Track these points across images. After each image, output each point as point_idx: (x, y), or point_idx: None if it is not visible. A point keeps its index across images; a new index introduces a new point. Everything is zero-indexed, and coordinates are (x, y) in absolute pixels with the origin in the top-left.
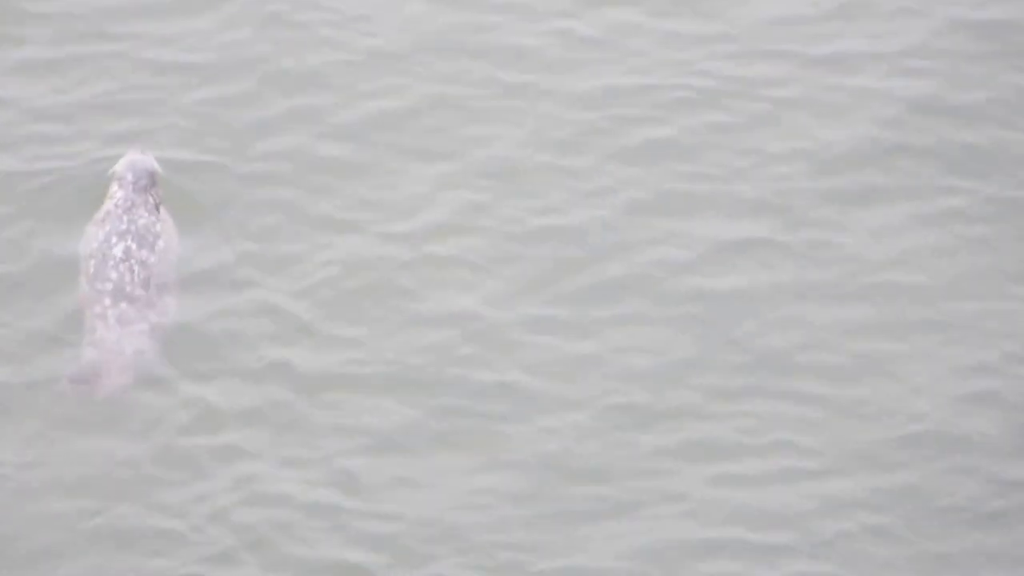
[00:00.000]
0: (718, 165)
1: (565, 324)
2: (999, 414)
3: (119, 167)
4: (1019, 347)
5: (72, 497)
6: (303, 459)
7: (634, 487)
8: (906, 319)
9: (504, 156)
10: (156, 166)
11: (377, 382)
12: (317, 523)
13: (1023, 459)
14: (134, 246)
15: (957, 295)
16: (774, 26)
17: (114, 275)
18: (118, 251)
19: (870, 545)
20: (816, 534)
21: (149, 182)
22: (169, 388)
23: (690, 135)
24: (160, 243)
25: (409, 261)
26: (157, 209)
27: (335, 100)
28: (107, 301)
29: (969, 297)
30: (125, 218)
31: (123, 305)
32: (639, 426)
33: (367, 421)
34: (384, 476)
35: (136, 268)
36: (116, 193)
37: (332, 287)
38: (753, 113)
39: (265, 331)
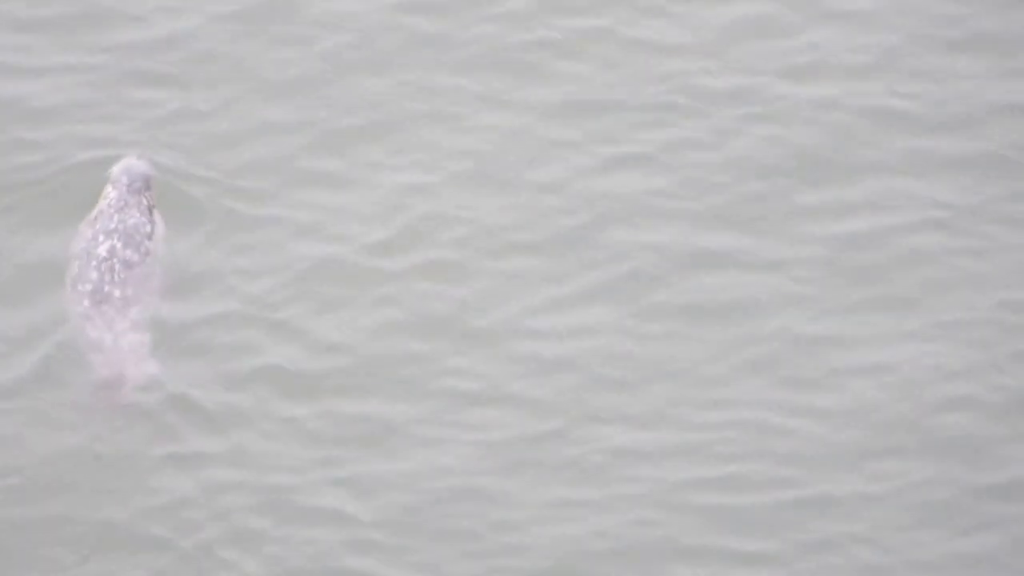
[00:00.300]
0: (693, 177)
1: (541, 331)
2: (978, 422)
3: (115, 170)
4: (997, 354)
5: (56, 504)
6: (288, 464)
7: (614, 491)
8: (883, 328)
9: (480, 167)
10: (152, 171)
11: (362, 386)
12: (304, 528)
13: (1002, 466)
14: (119, 245)
15: (935, 303)
16: (747, 37)
17: (95, 276)
18: (103, 250)
19: (849, 552)
20: (796, 541)
21: (143, 185)
22: (155, 392)
23: (664, 147)
24: (148, 243)
25: (389, 269)
26: (150, 211)
27: (315, 110)
28: (86, 302)
29: (947, 305)
30: (116, 217)
31: (104, 306)
32: (616, 430)
33: (352, 425)
34: (370, 479)
35: (118, 267)
36: (110, 194)
37: (316, 294)
38: (725, 125)
39: (248, 337)
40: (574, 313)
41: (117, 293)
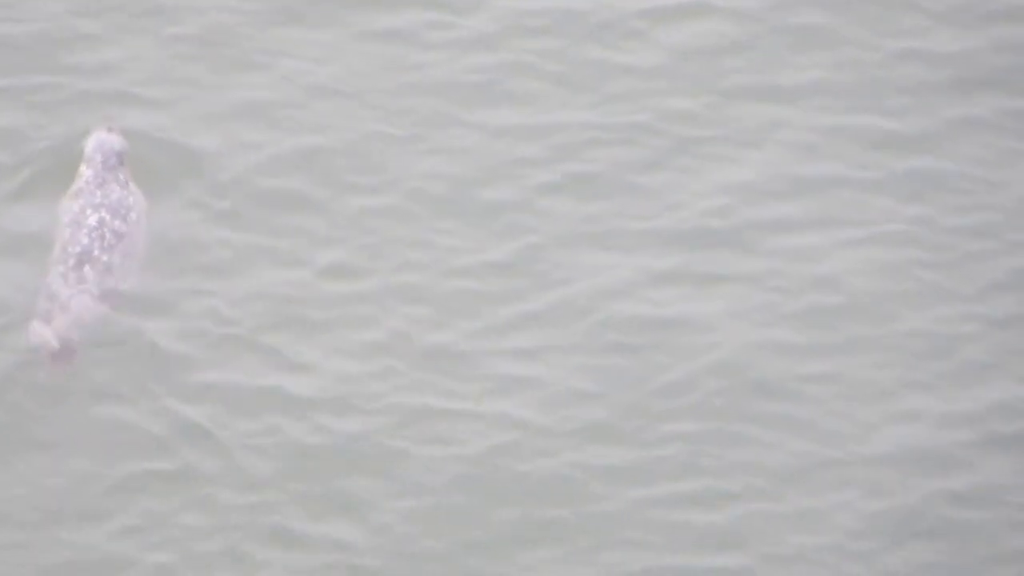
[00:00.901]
0: (653, 197)
1: (500, 350)
2: (940, 429)
3: (87, 148)
4: (957, 365)
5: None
6: (250, 479)
7: (582, 508)
8: (844, 340)
9: (437, 189)
10: (124, 144)
11: (320, 404)
12: (264, 548)
13: (964, 474)
14: (108, 216)
15: (896, 315)
16: (708, 57)
17: (85, 241)
18: (92, 220)
19: (820, 562)
20: (766, 553)
21: (117, 161)
22: (116, 408)
23: (621, 168)
24: (132, 215)
25: (347, 291)
26: (128, 186)
27: (274, 134)
28: (71, 262)
29: (906, 318)
30: (98, 192)
31: (85, 268)
32: (581, 446)
33: (308, 439)
34: (329, 499)
35: (108, 235)
36: (85, 173)
37: (272, 315)
38: (686, 145)
39: (208, 355)
40: (534, 332)
41: (104, 258)
